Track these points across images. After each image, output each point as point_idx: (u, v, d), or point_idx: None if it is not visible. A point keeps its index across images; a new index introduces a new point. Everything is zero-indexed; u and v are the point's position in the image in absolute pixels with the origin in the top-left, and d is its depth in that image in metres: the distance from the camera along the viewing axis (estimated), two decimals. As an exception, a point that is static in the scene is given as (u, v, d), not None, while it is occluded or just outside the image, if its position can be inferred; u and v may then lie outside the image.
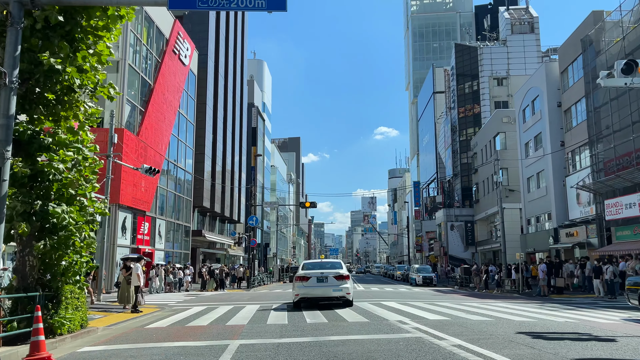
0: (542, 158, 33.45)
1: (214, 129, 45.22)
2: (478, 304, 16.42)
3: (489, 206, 45.51)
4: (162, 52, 33.33)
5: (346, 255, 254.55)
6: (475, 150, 50.52)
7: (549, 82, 32.72)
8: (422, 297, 20.81)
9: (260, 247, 66.69)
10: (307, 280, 14.51)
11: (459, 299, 19.94)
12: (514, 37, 55.75)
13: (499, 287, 26.39)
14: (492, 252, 46.56)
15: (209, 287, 29.06)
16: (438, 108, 70.20)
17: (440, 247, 55.69)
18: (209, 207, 43.40)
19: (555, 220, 31.32)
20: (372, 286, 33.60)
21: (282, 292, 26.57)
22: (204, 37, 43.05)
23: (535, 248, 34.41)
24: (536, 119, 34.47)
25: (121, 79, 27.38)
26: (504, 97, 53.76)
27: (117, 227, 26.40)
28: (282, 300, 18.75)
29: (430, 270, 38.25)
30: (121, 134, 26.36)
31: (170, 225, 35.09)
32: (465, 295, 23.18)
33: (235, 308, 15.44)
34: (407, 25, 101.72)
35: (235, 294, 24.79)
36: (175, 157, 36.04)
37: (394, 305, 15.48)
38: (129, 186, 27.32)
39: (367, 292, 25.39)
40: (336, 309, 14.03)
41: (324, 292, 14.57)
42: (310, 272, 14.78)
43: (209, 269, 29.71)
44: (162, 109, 32.33)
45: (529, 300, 19.37)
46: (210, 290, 28.91)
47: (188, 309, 15.44)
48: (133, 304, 14.10)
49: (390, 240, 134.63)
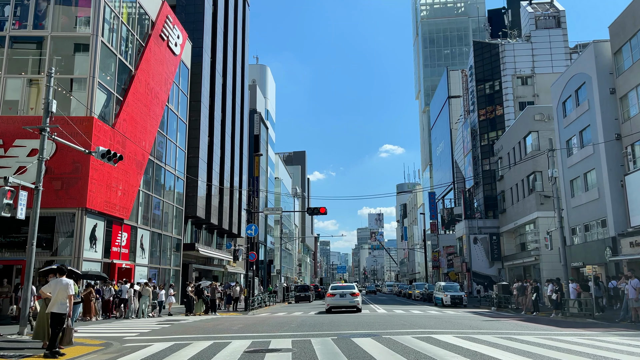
0: (591, 156, 28.43)
1: (211, 131, 40.49)
2: (577, 339, 11.32)
3: (518, 216, 40.33)
4: (146, 35, 28.79)
5: (353, 273, 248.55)
6: (500, 155, 45.49)
7: (600, 65, 27.84)
8: (471, 324, 15.66)
9: (263, 264, 61.55)
10: (334, 296, 23.96)
11: (527, 327, 14.78)
12: (539, 33, 51.05)
13: (557, 308, 21.09)
14: (523, 267, 41.23)
15: (197, 310, 23.91)
16: (454, 113, 65.51)
17: (461, 262, 50.31)
18: (204, 218, 38.44)
19: (613, 228, 26.14)
20: (393, 308, 28.36)
21: (287, 316, 21.41)
22: (198, 28, 38.60)
23: (584, 262, 29.09)
24: (582, 111, 29.52)
25: (92, 59, 22.73)
26: (529, 97, 48.93)
27: (83, 237, 21.45)
28: (284, 332, 13.64)
29: (458, 289, 32.96)
30: (90, 124, 21.68)
31: (156, 236, 30.11)
32: (524, 321, 17.96)
33: (214, 346, 10.41)
34: (417, 31, 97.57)
35: (225, 320, 19.67)
36: (163, 158, 31.23)
37: (459, 344, 10.39)
38: (100, 187, 22.47)
39: (394, 316, 20.20)
40: (371, 354, 9.00)
41: (344, 303, 23.67)
42: (336, 291, 24.40)
43: (197, 287, 24.54)
44: (145, 100, 27.63)
45: (626, 329, 14.22)
46: (198, 314, 23.76)
47: (143, 347, 10.41)
48: (49, 344, 9.04)
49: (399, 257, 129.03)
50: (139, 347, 10.36)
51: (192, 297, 23.69)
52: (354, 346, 9.96)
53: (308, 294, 43.20)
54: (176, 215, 33.52)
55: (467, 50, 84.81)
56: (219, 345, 10.58)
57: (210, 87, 40.80)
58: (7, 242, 21.09)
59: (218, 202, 42.02)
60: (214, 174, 40.66)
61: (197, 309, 23.86)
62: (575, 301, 19.89)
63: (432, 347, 9.72)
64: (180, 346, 10.48)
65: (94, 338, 12.11)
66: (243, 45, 53.25)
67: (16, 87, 22.85)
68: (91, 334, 13.42)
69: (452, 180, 63.81)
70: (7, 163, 20.75)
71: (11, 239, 21.12)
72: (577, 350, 9.19)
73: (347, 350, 9.39)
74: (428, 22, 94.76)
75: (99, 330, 14.94)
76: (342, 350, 9.40)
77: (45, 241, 21.18)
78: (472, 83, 54.42)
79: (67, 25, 23.91)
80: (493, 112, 51.30)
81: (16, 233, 20.87)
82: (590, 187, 29.00)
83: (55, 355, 8.74)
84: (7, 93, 22.62)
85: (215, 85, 41.68)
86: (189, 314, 23.50)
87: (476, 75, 53.04)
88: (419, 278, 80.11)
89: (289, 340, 11.28)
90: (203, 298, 24.14)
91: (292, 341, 11.03)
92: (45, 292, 9.46)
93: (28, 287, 13.24)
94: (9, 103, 22.62)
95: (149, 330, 14.95)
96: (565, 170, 32.01)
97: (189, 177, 35.13)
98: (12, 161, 20.71)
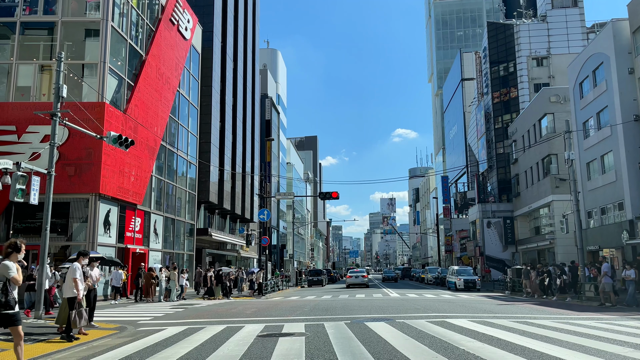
0: (608, 138, 27.87)
1: (222, 116, 40.39)
2: (595, 323, 11.14)
3: (533, 199, 39.87)
4: (156, 19, 28.61)
5: (365, 258, 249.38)
6: (515, 138, 44.84)
7: (618, 45, 27.13)
8: (486, 308, 15.53)
9: (276, 248, 61.83)
10: (351, 277, 36.92)
11: (543, 311, 14.62)
12: (555, 12, 49.91)
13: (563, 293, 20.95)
14: (537, 251, 40.88)
15: (217, 295, 24.15)
16: (467, 96, 64.63)
17: (475, 246, 50.00)
18: (216, 203, 38.54)
19: (631, 211, 25.69)
20: (406, 292, 28.31)
21: (299, 300, 21.47)
22: (208, 12, 38.27)
23: (601, 245, 28.74)
24: (599, 92, 28.87)
25: (102, 44, 22.65)
26: (544, 78, 48.04)
27: (97, 222, 21.60)
28: (297, 316, 13.63)
29: (471, 273, 32.77)
30: (101, 110, 21.68)
31: (169, 222, 30.27)
32: (539, 304, 17.78)
33: (227, 330, 10.41)
34: (429, 13, 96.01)
35: (239, 304, 19.76)
36: (175, 143, 31.25)
37: (475, 328, 10.27)
38: (113, 173, 22.55)
39: (407, 300, 20.14)
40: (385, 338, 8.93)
41: (358, 281, 36.41)
42: (352, 274, 37.47)
43: (217, 273, 24.71)
44: (156, 86, 27.56)
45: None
46: (219, 298, 24.03)
47: (157, 331, 10.45)
48: (65, 327, 9.11)
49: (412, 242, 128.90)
50: (152, 332, 10.40)
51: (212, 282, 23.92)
52: (367, 330, 9.89)
53: (321, 278, 43.30)
54: (189, 201, 33.64)
55: (481, 31, 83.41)
56: (232, 329, 10.58)
57: (221, 72, 40.61)
58: (22, 228, 21.31)
59: (230, 187, 42.09)
60: (226, 159, 40.66)
61: (217, 293, 24.12)
62: (592, 285, 19.63)
63: (446, 331, 9.60)
64: (194, 330, 10.49)
65: (109, 322, 12.20)
66: (253, 29, 52.83)
67: (28, 73, 22.89)
68: (107, 317, 13.52)
69: (465, 164, 63.23)
70: (21, 149, 20.86)
71: (27, 224, 21.34)
72: (597, 335, 9.01)
73: (360, 334, 9.32)
74: (441, 3, 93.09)
75: (115, 313, 15.07)
76: (356, 334, 9.33)
77: (60, 226, 21.39)
78: (485, 65, 53.56)
79: (77, 10, 23.82)
80: (507, 95, 50.52)
81: (31, 219, 21.08)
82: (607, 170, 28.48)
83: (71, 339, 8.80)
84: (19, 79, 22.67)
85: (226, 70, 41.47)
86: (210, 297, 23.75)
87: (490, 57, 52.15)
88: (431, 262, 79.95)
89: (302, 324, 11.25)
90: (223, 283, 24.33)
91: (305, 325, 10.99)
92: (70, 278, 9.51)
93: (42, 271, 13.34)
94: (21, 89, 22.69)
95: (163, 314, 15.04)
96: (581, 153, 31.45)
97: (201, 163, 35.17)
98: (26, 147, 20.82)
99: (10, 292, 6.34)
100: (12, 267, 6.45)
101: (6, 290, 6.31)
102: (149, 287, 21.90)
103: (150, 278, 21.96)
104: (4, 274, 6.41)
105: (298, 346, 8.06)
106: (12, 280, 6.40)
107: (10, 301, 6.34)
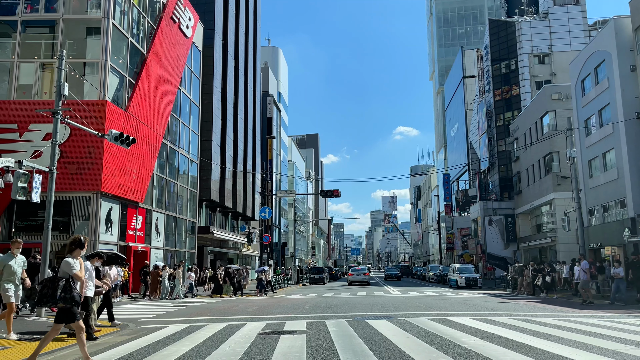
0: (610, 135, 27.81)
1: (223, 114, 40.38)
2: (597, 320, 11.14)
3: (534, 197, 39.85)
4: (158, 17, 28.59)
5: (366, 256, 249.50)
6: (516, 136, 44.80)
7: (620, 42, 27.05)
8: (487, 306, 15.54)
9: (277, 246, 61.89)
10: (353, 275, 38.32)
11: (544, 309, 14.62)
12: (557, 9, 49.78)
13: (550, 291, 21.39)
14: (538, 249, 40.88)
15: (225, 293, 24.24)
16: (469, 94, 64.54)
17: (476, 244, 50.00)
18: (218, 201, 38.55)
19: (633, 208, 25.66)
20: (407, 290, 28.32)
21: (301, 298, 21.49)
22: (209, 10, 38.24)
23: (602, 243, 28.70)
24: (601, 89, 28.80)
25: (103, 42, 22.65)
26: (546, 76, 47.89)
27: (98, 220, 21.62)
28: (299, 314, 13.64)
29: (473, 270, 32.79)
30: (103, 108, 21.69)
31: (171, 220, 30.30)
32: (541, 302, 17.79)
33: (229, 328, 10.43)
34: (431, 11, 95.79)
35: (240, 302, 19.79)
36: (177, 141, 31.26)
37: (476, 326, 10.28)
38: (115, 171, 22.57)
39: (408, 298, 20.15)
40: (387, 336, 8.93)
41: (359, 278, 37.67)
42: (354, 271, 39.14)
43: (226, 270, 24.80)
44: (158, 84, 27.56)
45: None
46: (226, 296, 24.12)
47: (159, 329, 10.47)
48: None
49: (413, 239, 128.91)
50: (154, 329, 10.42)
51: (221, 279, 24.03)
52: (369, 328, 9.90)
53: (322, 276, 43.32)
54: (190, 199, 33.66)
55: (483, 29, 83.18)
56: (233, 327, 10.60)
57: (223, 70, 40.59)
58: (24, 226, 21.36)
59: (232, 185, 42.11)
60: (228, 157, 40.67)
61: (226, 290, 24.21)
62: (593, 283, 19.64)
63: (448, 329, 9.61)
64: (195, 328, 10.51)
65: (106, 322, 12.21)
66: (255, 26, 52.78)
67: (29, 71, 22.90)
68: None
69: (466, 161, 63.18)
70: (23, 147, 20.88)
71: (29, 222, 21.38)
72: (598, 333, 9.01)
73: (362, 332, 9.33)
74: (442, 0, 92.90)
75: (116, 311, 15.06)
76: (357, 332, 9.34)
77: (62, 224, 21.42)
78: (487, 62, 53.44)
79: (78, 8, 23.82)
80: (509, 92, 50.41)
81: (33, 217, 21.11)
82: (609, 167, 28.44)
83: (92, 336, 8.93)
84: (20, 77, 22.69)
85: (227, 67, 41.45)
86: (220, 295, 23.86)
87: (492, 54, 52.02)
88: (432, 260, 80.00)
89: (304, 322, 11.26)
90: (231, 281, 24.40)
91: (306, 323, 11.01)
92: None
93: (45, 269, 13.37)
94: (23, 87, 22.71)
95: (165, 312, 15.07)
96: (583, 151, 31.41)
97: (202, 161, 35.19)
98: (28, 145, 20.84)
99: (73, 288, 6.49)
100: (74, 263, 6.60)
101: (70, 287, 6.47)
102: (155, 285, 22.27)
103: (157, 276, 22.31)
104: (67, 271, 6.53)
105: (300, 344, 8.07)
106: (74, 276, 6.53)
107: (75, 297, 6.53)
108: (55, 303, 6.48)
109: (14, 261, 9.16)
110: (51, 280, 6.57)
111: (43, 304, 6.57)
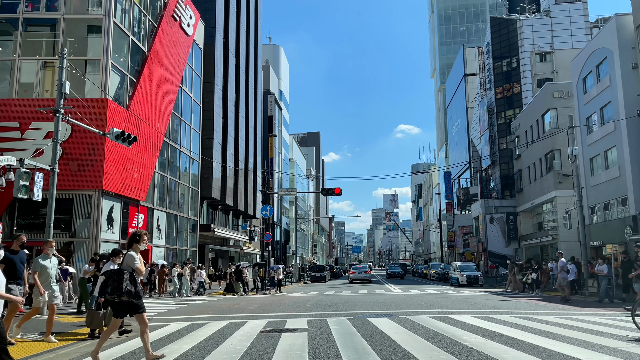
0: (611, 133, 27.77)
1: (225, 112, 40.39)
2: (598, 318, 11.14)
3: (535, 195, 39.82)
4: (159, 15, 28.58)
5: (368, 254, 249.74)
6: (518, 133, 44.76)
7: (622, 40, 27.00)
8: (488, 304, 15.54)
9: (279, 244, 61.94)
10: (354, 272, 38.47)
11: (545, 307, 14.62)
12: (558, 7, 49.66)
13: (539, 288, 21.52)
14: (540, 247, 40.86)
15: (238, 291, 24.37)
16: (470, 92, 64.47)
17: (477, 242, 50.01)
18: (219, 200, 38.60)
19: (634, 206, 25.63)
20: (409, 288, 28.34)
21: (302, 296, 21.50)
22: (210, 8, 38.23)
23: (604, 241, 28.68)
24: (603, 87, 28.75)
25: (104, 40, 22.65)
26: (547, 73, 47.81)
27: (100, 218, 21.66)
28: (300, 312, 13.65)
29: (474, 268, 32.81)
30: (104, 106, 21.71)
31: (172, 218, 30.33)
32: (542, 300, 17.79)
33: (230, 326, 10.44)
34: (432, 8, 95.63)
35: (242, 300, 19.82)
36: (178, 140, 31.28)
37: (477, 324, 10.28)
38: (116, 169, 22.59)
39: (410, 296, 20.16)
40: (388, 334, 8.94)
41: (360, 276, 37.86)
42: (355, 269, 39.32)
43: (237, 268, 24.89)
44: (159, 82, 27.57)
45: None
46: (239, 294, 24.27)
47: (161, 327, 10.50)
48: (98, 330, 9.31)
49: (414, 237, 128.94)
50: (156, 327, 10.44)
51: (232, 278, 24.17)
52: (370, 326, 9.91)
53: (323, 274, 43.37)
54: (192, 197, 33.70)
55: (484, 27, 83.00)
56: (235, 325, 10.62)
57: (224, 68, 40.59)
58: (26, 224, 21.39)
59: (233, 183, 42.15)
60: (229, 156, 40.70)
61: (237, 288, 24.33)
62: (594, 281, 19.63)
63: (449, 327, 9.62)
64: (197, 326, 10.54)
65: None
66: (256, 25, 52.76)
67: (31, 70, 22.92)
68: (110, 313, 13.59)
69: (468, 159, 63.14)
70: (24, 145, 20.92)
71: (30, 220, 21.42)
72: (599, 330, 9.01)
73: (363, 330, 9.34)
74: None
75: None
76: (359, 330, 9.35)
77: (63, 223, 21.47)
78: (488, 60, 53.38)
79: (79, 6, 23.83)
80: (510, 90, 50.36)
81: (35, 215, 21.16)
82: (611, 165, 28.41)
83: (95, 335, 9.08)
84: (22, 76, 22.71)
85: (228, 66, 41.45)
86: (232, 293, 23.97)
87: (493, 52, 51.96)
88: (434, 258, 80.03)
89: (305, 320, 11.28)
90: (242, 279, 24.53)
91: (308, 321, 11.02)
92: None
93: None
94: (24, 86, 22.74)
95: (167, 310, 15.10)
96: (584, 148, 31.37)
97: (203, 159, 35.22)
98: (29, 144, 20.87)
99: (138, 283, 6.50)
100: (136, 257, 6.60)
101: (134, 281, 6.49)
102: (161, 283, 22.68)
103: (163, 274, 22.70)
104: (130, 265, 6.55)
105: (301, 342, 8.08)
106: (136, 270, 6.54)
107: (139, 291, 6.59)
108: (121, 296, 6.45)
109: (49, 262, 9.16)
110: (117, 273, 6.56)
111: (108, 295, 6.51)
